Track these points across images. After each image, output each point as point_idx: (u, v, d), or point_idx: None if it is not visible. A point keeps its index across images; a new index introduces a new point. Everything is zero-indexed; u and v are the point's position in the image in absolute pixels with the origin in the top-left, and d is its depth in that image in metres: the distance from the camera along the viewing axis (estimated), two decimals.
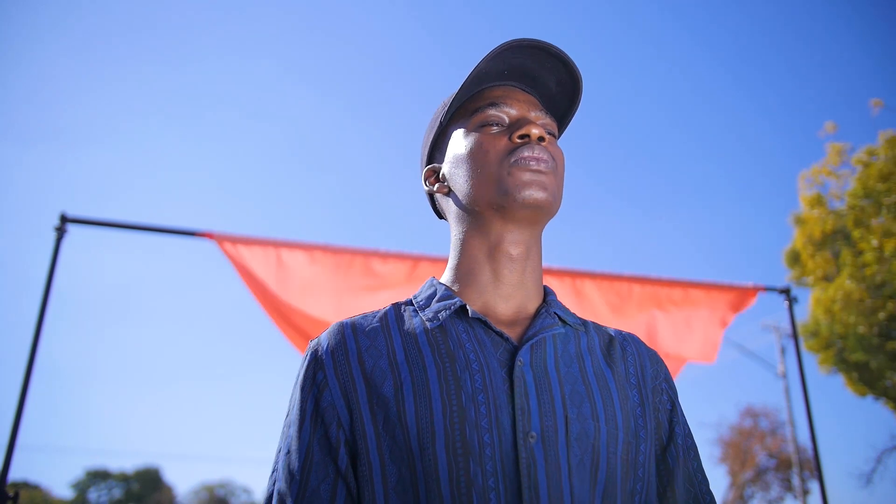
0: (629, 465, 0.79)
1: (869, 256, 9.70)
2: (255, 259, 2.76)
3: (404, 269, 2.82)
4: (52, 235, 2.54)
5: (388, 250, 2.80)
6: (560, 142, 0.97)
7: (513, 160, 0.83)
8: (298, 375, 0.84)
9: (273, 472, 0.82)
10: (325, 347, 0.83)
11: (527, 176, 0.83)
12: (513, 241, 0.87)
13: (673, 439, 0.87)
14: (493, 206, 0.85)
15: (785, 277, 11.63)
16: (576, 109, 0.94)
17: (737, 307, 3.04)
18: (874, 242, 9.60)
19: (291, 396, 0.84)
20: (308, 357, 0.84)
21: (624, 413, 0.82)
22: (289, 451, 0.80)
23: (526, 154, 0.83)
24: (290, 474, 0.78)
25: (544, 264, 0.95)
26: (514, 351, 0.81)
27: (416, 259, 2.81)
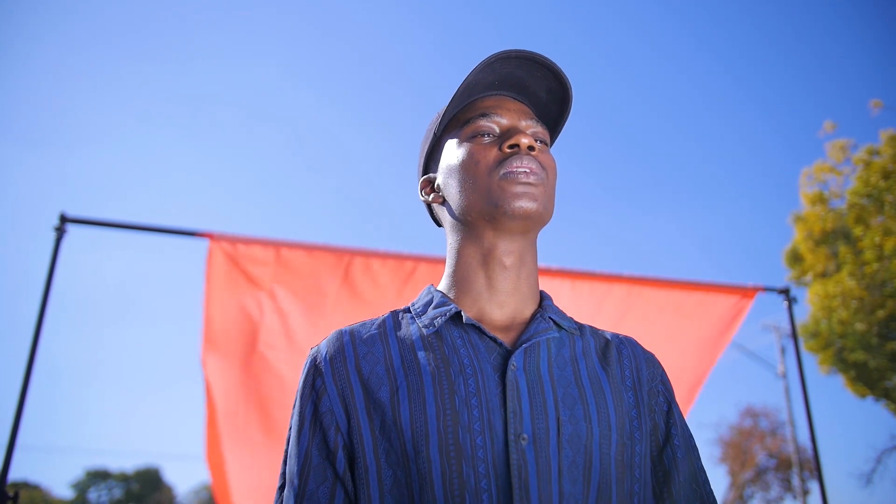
0: (625, 465, 0.80)
1: (869, 255, 9.71)
2: (238, 291, 2.64)
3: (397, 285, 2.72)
4: (52, 235, 2.53)
5: (388, 250, 2.79)
6: (560, 141, 0.98)
7: (502, 172, 0.84)
8: (299, 383, 0.86)
9: (280, 476, 0.84)
10: (323, 355, 0.85)
11: (517, 188, 0.83)
12: (505, 251, 0.87)
13: (669, 441, 0.88)
14: (484, 217, 0.85)
15: (785, 277, 11.64)
16: (566, 117, 0.94)
17: (734, 317, 2.96)
18: (875, 240, 9.61)
19: (294, 404, 0.86)
20: (308, 365, 0.86)
21: (618, 415, 0.82)
22: (289, 456, 0.82)
23: (515, 165, 0.84)
24: (290, 478, 0.81)
25: (543, 265, 0.95)
26: (507, 355, 0.82)
27: (417, 260, 2.79)
